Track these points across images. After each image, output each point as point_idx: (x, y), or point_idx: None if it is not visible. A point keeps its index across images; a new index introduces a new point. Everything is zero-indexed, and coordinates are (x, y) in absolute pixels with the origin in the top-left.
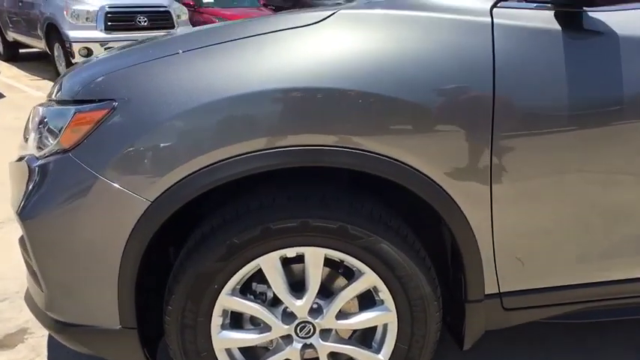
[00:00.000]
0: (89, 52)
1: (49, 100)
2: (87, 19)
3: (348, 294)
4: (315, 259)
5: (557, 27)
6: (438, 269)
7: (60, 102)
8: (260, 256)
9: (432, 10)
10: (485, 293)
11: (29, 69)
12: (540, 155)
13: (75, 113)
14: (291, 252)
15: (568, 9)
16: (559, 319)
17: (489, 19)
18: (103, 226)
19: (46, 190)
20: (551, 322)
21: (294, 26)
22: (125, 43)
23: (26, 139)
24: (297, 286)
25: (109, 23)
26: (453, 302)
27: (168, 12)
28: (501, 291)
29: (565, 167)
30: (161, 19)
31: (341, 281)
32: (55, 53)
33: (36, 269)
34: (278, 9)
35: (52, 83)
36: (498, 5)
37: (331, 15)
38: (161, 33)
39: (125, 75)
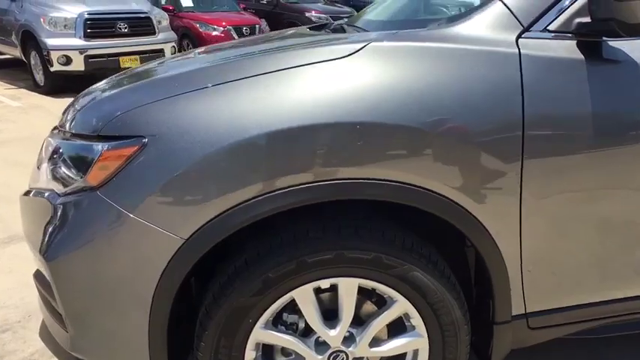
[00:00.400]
0: (68, 60)
1: (62, 131)
2: (65, 26)
3: (381, 322)
4: (348, 289)
5: (580, 56)
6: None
7: (79, 136)
8: (295, 288)
9: (460, 42)
10: (513, 314)
11: (4, 77)
12: (567, 180)
13: (103, 151)
14: (325, 283)
15: (588, 39)
16: (580, 335)
17: (516, 50)
18: (133, 266)
19: (72, 228)
20: (572, 337)
21: (326, 59)
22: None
23: (38, 167)
24: (329, 315)
25: (89, 30)
26: (479, 323)
27: (148, 18)
28: (527, 311)
29: (591, 190)
30: (142, 26)
31: (372, 308)
32: (32, 62)
33: (61, 311)
34: (258, 13)
35: (29, 92)
36: (523, 36)
37: (362, 48)
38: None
39: (153, 110)
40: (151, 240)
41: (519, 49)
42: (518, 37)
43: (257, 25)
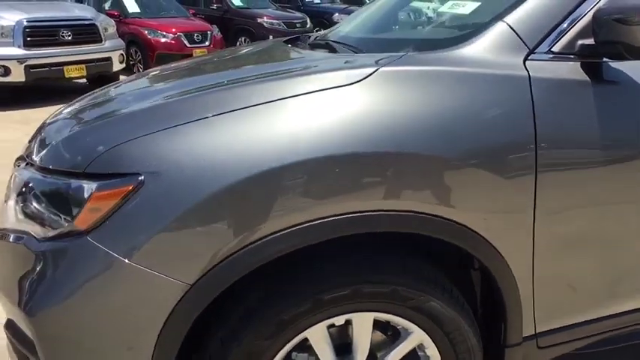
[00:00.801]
0: (6, 71)
1: (30, 164)
2: (2, 34)
3: (397, 354)
4: (364, 324)
5: (585, 77)
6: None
7: (57, 172)
8: (309, 327)
9: (470, 66)
10: (523, 336)
11: None
12: (579, 199)
13: (93, 191)
14: (340, 320)
15: (591, 60)
16: (587, 349)
17: (526, 73)
18: (132, 317)
19: (59, 279)
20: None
21: (335, 85)
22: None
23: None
24: (341, 348)
25: (29, 39)
26: (488, 346)
27: (94, 25)
28: (537, 332)
29: (601, 207)
30: (87, 33)
31: (386, 341)
32: None
33: None
34: (208, 19)
35: None
36: (529, 58)
37: (373, 73)
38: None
39: (149, 143)
40: (152, 288)
41: (528, 71)
42: (525, 59)
43: (209, 32)
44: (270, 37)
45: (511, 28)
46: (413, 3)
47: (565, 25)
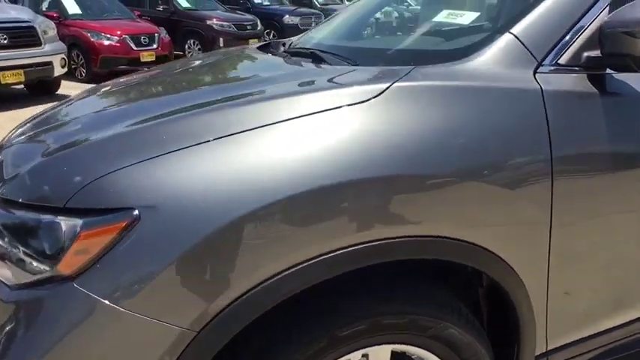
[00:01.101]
0: None
1: None
2: None
3: None
4: (381, 357)
5: (593, 89)
6: None
7: (27, 206)
8: None
9: (484, 79)
10: (536, 354)
11: None
12: (593, 212)
13: (81, 231)
14: (356, 356)
15: (596, 72)
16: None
17: (537, 86)
18: None
19: (38, 333)
20: None
21: (347, 103)
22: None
23: None
24: None
25: None
26: None
27: (32, 27)
28: (548, 349)
29: (616, 218)
30: (24, 36)
31: None
32: None
33: None
34: (154, 21)
35: None
36: (538, 71)
37: (387, 89)
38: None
39: (142, 172)
40: (151, 338)
41: (539, 84)
42: (535, 71)
43: (156, 34)
44: (221, 39)
45: (518, 39)
46: (392, 9)
47: (570, 36)
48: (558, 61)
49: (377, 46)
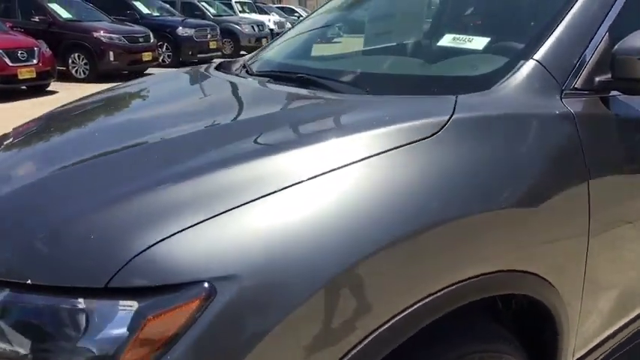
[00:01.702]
0: None
1: None
2: None
3: None
4: None
5: (607, 111)
6: None
7: (47, 289)
8: None
9: (526, 108)
10: None
11: None
12: (623, 226)
13: (145, 319)
14: None
15: (603, 95)
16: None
17: (568, 110)
18: None
19: None
20: None
21: (411, 140)
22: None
23: None
24: None
25: None
26: None
27: None
28: (575, 358)
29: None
30: None
31: None
32: None
33: None
34: (29, 33)
35: None
36: (563, 96)
37: (449, 121)
38: None
39: (206, 233)
40: None
41: (569, 108)
42: (561, 96)
43: (35, 48)
44: (111, 53)
45: (542, 65)
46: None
47: (582, 62)
48: (575, 86)
49: (386, 72)
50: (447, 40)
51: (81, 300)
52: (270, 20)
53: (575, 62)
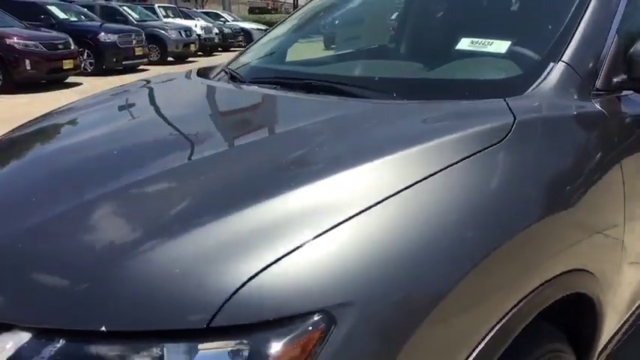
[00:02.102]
0: None
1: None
2: None
3: None
4: None
5: (625, 110)
6: None
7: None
8: None
9: (569, 109)
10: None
11: None
12: None
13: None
14: None
15: (618, 94)
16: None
17: (600, 109)
18: None
19: None
20: None
21: (481, 148)
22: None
23: None
24: None
25: None
26: None
27: None
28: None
29: None
30: None
31: None
32: None
33: None
34: None
35: None
36: (591, 97)
37: (513, 126)
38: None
39: (315, 257)
40: None
41: (601, 108)
42: (590, 97)
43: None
44: (27, 61)
45: (571, 67)
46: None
47: (600, 62)
48: (597, 86)
49: (407, 76)
50: (465, 44)
51: (171, 344)
52: (197, 25)
53: (596, 63)
